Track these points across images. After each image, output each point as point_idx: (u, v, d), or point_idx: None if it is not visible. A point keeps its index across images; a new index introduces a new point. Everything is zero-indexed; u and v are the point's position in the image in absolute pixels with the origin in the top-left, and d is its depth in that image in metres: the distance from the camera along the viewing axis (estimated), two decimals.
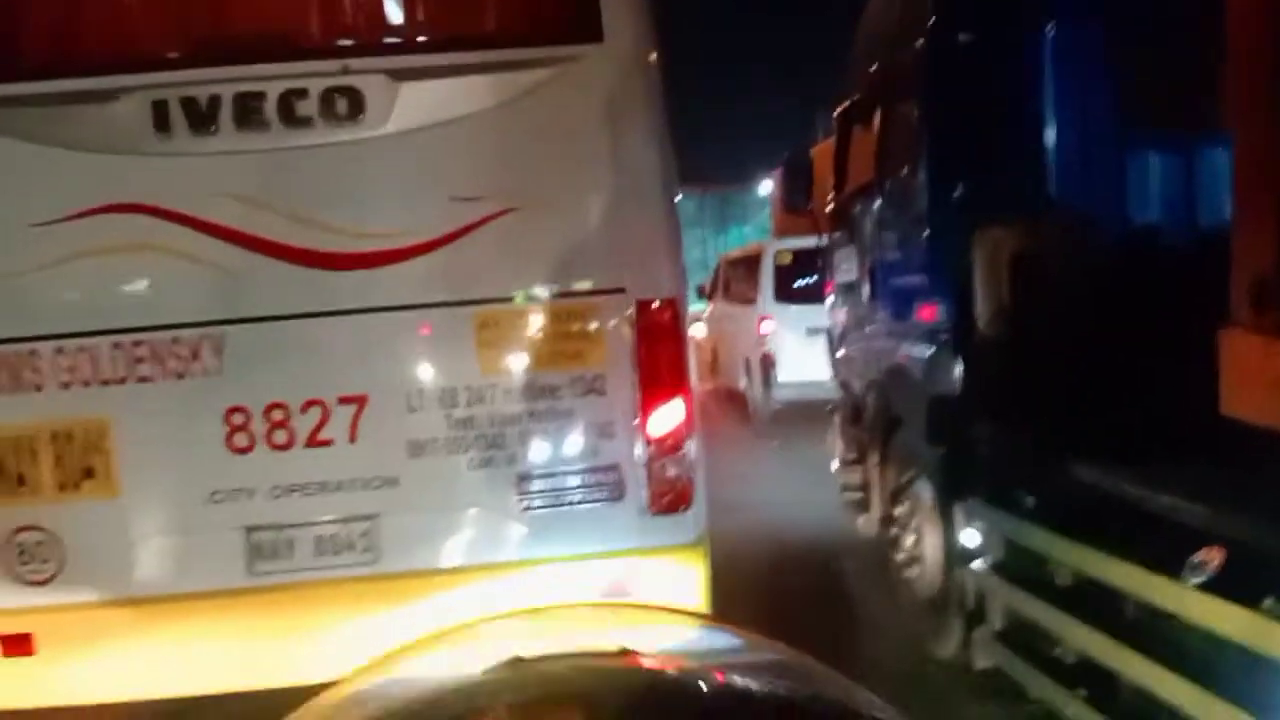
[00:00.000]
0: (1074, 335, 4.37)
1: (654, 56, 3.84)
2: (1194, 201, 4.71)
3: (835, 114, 6.73)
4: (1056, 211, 4.62)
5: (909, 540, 5.39)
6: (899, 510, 5.55)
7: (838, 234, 6.82)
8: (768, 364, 12.22)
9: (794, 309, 11.96)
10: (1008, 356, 4.55)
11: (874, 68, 5.85)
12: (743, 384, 13.36)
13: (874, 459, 6.02)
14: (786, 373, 11.99)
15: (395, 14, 3.89)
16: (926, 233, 5.06)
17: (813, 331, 10.81)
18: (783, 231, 20.88)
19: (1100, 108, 4.71)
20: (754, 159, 26.08)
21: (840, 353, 6.93)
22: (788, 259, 12.30)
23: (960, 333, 4.78)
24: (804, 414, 10.98)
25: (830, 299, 7.17)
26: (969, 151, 4.81)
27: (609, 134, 3.76)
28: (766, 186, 25.98)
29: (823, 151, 6.96)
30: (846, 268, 6.50)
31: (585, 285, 3.79)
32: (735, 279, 14.06)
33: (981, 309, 4.64)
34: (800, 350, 11.57)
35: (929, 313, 5.09)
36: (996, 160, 4.75)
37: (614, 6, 3.74)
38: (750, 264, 13.20)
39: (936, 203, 4.97)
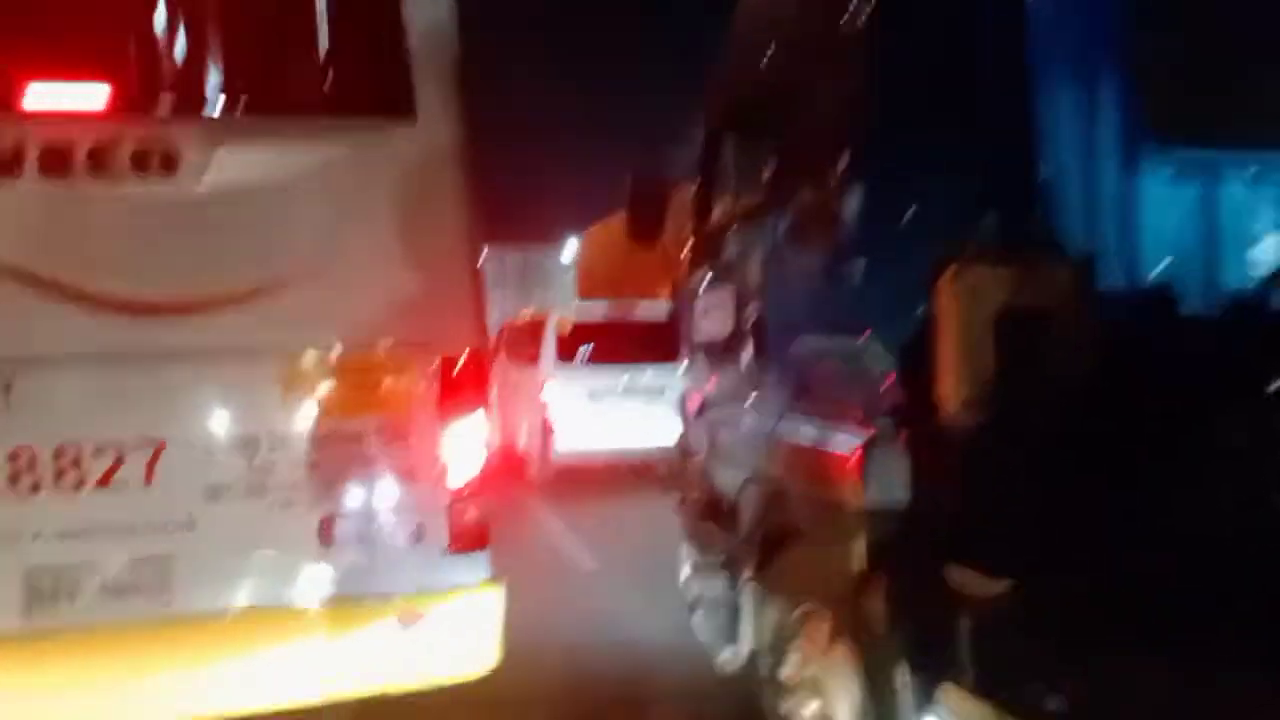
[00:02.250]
0: (1097, 432, 2.92)
1: (462, 135, 4.11)
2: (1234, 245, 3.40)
3: (703, 124, 5.14)
4: (1059, 250, 3.18)
5: (810, 706, 3.78)
6: (790, 656, 3.94)
7: (701, 276, 5.17)
8: (548, 429, 12.45)
9: (574, 375, 12.44)
10: (992, 458, 3.05)
11: (772, 50, 4.30)
12: (523, 445, 13.37)
13: (746, 574, 4.39)
14: (565, 439, 12.32)
15: (215, 76, 4.02)
16: (859, 270, 3.51)
17: (594, 396, 12.28)
18: (588, 294, 20.46)
19: (1114, 105, 3.33)
20: (559, 223, 25.50)
21: (699, 430, 5.23)
22: (568, 328, 12.76)
23: (913, 417, 3.24)
24: (581, 478, 12.10)
25: (687, 358, 5.50)
26: (926, 152, 3.32)
27: (417, 203, 4.01)
28: (571, 251, 25.31)
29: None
30: (716, 318, 4.82)
31: (391, 338, 3.99)
32: (518, 344, 14.20)
33: (950, 385, 3.12)
34: (579, 417, 12.28)
35: (862, 386, 3.51)
36: (966, 170, 3.29)
37: (427, 89, 4.03)
38: (533, 331, 13.38)
39: (874, 229, 3.44)
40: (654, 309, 14.68)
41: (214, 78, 4.02)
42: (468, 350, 4.04)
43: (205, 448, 3.84)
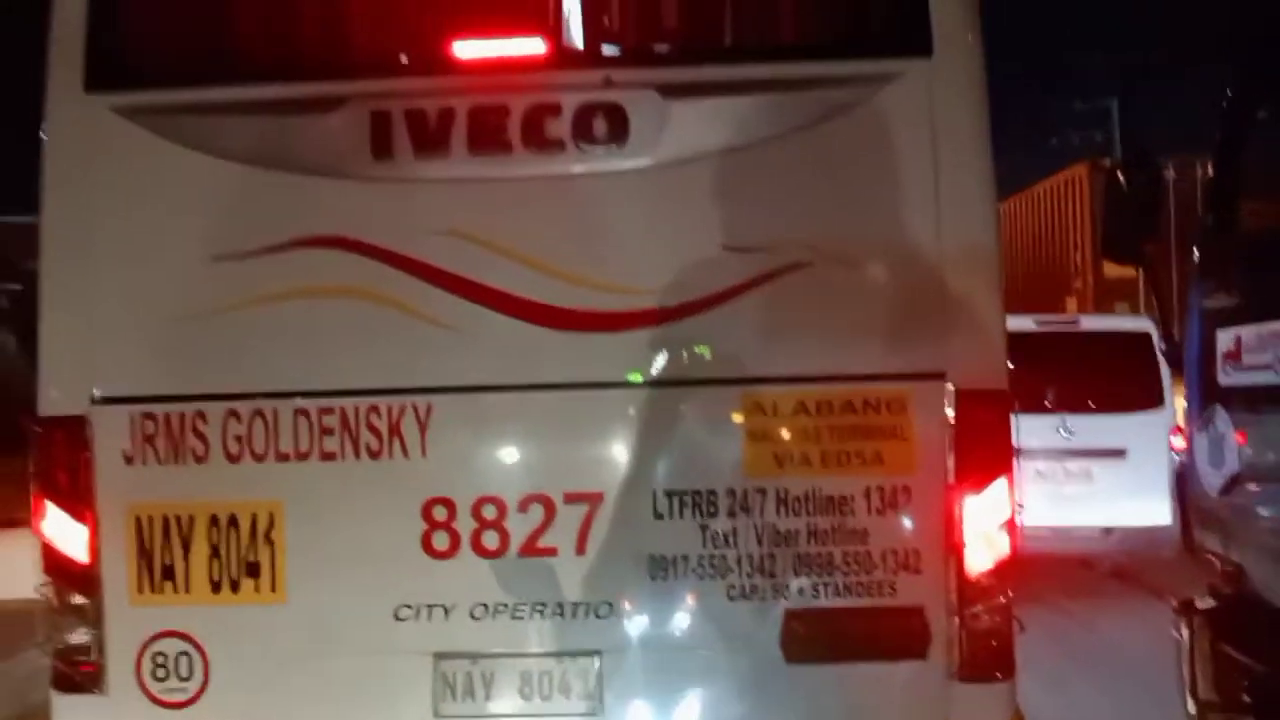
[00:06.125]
0: None
1: (984, 76, 3.29)
2: None
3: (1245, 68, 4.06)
4: None
5: None
6: None
7: (1223, 296, 4.06)
8: None
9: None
10: None
11: None
12: None
13: None
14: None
15: (671, 16, 3.49)
16: None
17: (1020, 454, 8.28)
18: None
19: None
20: None
21: (1225, 514, 4.05)
22: None
23: None
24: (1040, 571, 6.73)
25: (1195, 410, 4.25)
26: None
27: (931, 174, 3.18)
28: None
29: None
30: (1261, 357, 3.66)
31: (892, 367, 3.20)
32: None
33: None
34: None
35: None
36: None
37: (947, 12, 3.19)
38: None
39: None
40: (1107, 325, 11.46)
41: (671, 17, 3.47)
42: (994, 385, 3.17)
43: (651, 507, 3.18)
